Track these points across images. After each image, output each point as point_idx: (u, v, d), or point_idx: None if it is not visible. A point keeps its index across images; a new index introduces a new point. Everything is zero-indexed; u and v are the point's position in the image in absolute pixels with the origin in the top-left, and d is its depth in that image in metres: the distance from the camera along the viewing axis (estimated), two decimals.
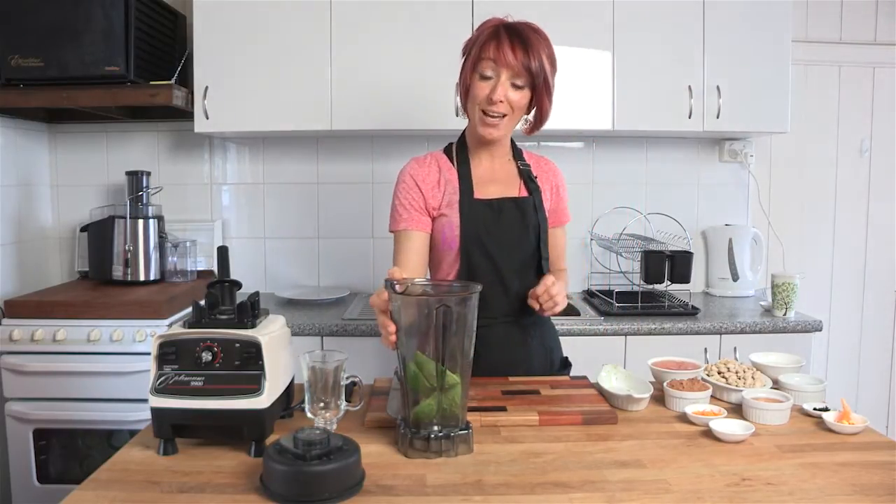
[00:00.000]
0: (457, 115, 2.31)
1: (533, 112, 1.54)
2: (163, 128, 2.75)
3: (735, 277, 2.72)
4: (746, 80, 2.44)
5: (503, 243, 1.52)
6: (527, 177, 1.60)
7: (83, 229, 2.58)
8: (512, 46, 1.41)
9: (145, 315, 2.17)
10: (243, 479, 1.02)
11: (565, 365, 1.68)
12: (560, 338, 1.69)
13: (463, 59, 1.51)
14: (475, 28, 1.53)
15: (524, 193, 1.58)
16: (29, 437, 2.16)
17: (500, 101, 1.44)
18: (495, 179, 1.58)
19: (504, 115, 1.47)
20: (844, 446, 1.15)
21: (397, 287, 1.11)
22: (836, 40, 2.81)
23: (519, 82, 1.44)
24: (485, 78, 1.45)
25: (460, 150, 1.59)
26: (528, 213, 1.55)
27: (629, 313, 2.34)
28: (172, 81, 2.36)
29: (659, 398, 1.36)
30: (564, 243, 1.72)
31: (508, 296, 1.55)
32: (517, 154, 1.63)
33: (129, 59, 2.25)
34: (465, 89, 1.50)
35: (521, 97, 1.46)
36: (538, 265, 1.57)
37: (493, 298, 1.50)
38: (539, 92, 1.47)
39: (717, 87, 2.42)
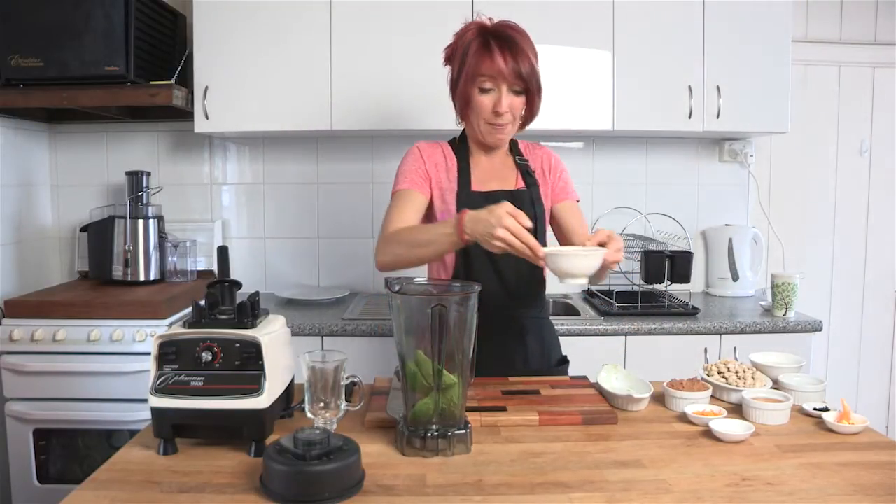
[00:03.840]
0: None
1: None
2: (163, 128, 2.75)
3: (735, 277, 2.72)
4: (746, 80, 2.44)
5: None
6: (524, 170, 1.61)
7: (83, 229, 2.58)
8: (504, 56, 1.43)
9: (145, 315, 2.17)
10: (243, 479, 1.02)
11: (563, 362, 1.68)
12: (560, 338, 1.69)
13: (455, 71, 1.52)
14: (456, 34, 1.53)
15: (521, 186, 1.59)
16: (29, 437, 2.16)
17: (506, 112, 1.48)
18: (494, 176, 1.60)
19: (508, 123, 1.51)
20: (844, 446, 1.15)
21: (395, 286, 1.11)
22: (836, 40, 2.81)
23: (517, 88, 1.48)
24: (485, 91, 1.47)
25: (461, 147, 1.62)
26: (525, 205, 1.55)
27: (629, 313, 2.34)
28: (172, 81, 2.36)
29: (659, 398, 1.36)
30: (583, 219, 1.65)
31: (506, 290, 1.55)
32: (514, 149, 1.65)
33: (129, 59, 2.25)
34: (465, 101, 1.52)
35: (521, 102, 1.50)
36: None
37: (490, 293, 1.49)
38: (532, 93, 1.49)
39: (717, 87, 2.42)
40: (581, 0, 2.39)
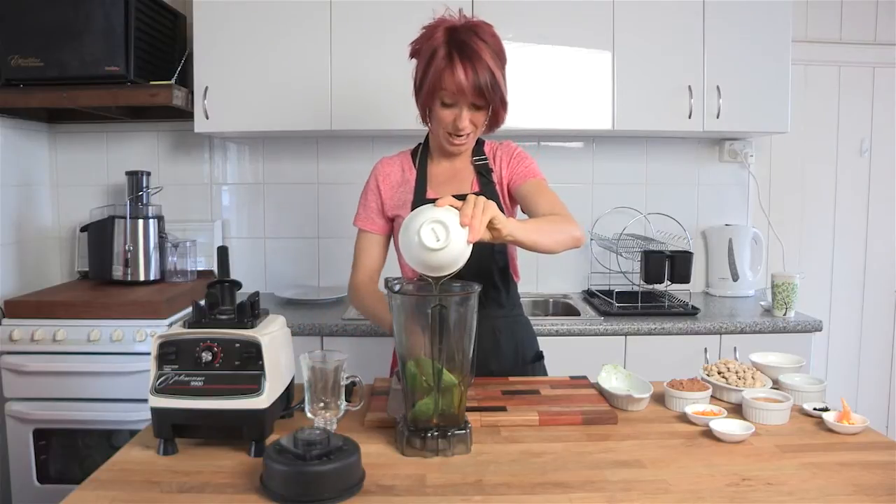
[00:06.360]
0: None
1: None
2: (163, 128, 2.75)
3: (735, 277, 2.72)
4: (746, 80, 2.44)
5: None
6: (479, 172, 1.58)
7: (83, 229, 2.58)
8: (465, 71, 1.38)
9: (145, 315, 2.17)
10: (243, 479, 1.02)
11: (538, 357, 1.67)
12: (560, 338, 1.69)
13: (419, 76, 1.47)
14: (424, 28, 1.50)
15: (476, 189, 1.56)
16: (29, 437, 2.16)
17: (466, 127, 1.45)
18: (452, 179, 1.59)
19: (469, 134, 1.49)
20: (844, 446, 1.15)
21: (395, 286, 1.11)
22: (836, 40, 2.81)
23: (479, 103, 1.44)
24: (446, 105, 1.45)
25: (423, 152, 1.62)
26: None
27: (629, 313, 2.34)
28: (172, 81, 2.36)
29: (659, 398, 1.36)
30: (549, 194, 1.52)
31: None
32: (477, 150, 1.61)
33: (129, 59, 2.25)
34: (427, 111, 1.51)
35: (483, 114, 1.47)
36: (494, 260, 1.56)
37: None
38: (494, 104, 1.45)
39: (717, 87, 2.42)
40: (581, 0, 2.39)
